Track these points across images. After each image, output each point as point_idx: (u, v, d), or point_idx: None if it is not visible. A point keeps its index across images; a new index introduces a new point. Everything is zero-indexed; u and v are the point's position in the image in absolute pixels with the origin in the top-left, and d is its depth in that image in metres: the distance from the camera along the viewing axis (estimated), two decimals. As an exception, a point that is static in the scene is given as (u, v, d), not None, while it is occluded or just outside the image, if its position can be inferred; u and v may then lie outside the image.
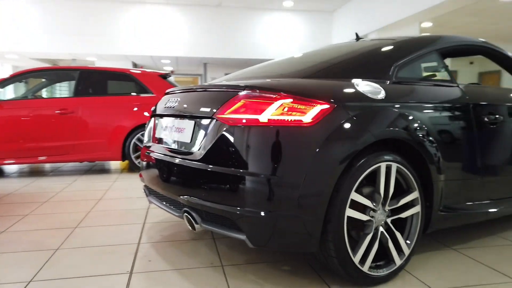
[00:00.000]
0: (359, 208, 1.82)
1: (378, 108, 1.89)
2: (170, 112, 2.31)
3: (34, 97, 5.54)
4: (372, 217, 1.85)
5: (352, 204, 1.77)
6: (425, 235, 2.28)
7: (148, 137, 2.63)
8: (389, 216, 1.93)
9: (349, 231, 1.79)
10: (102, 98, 5.22)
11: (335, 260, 1.76)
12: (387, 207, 1.91)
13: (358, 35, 2.95)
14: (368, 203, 1.83)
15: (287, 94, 1.76)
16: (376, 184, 1.87)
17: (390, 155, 1.88)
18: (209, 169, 1.81)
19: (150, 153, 2.40)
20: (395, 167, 1.89)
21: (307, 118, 1.71)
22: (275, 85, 1.86)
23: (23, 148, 4.84)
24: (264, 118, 1.72)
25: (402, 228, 2.00)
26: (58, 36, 9.93)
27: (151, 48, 10.54)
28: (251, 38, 10.95)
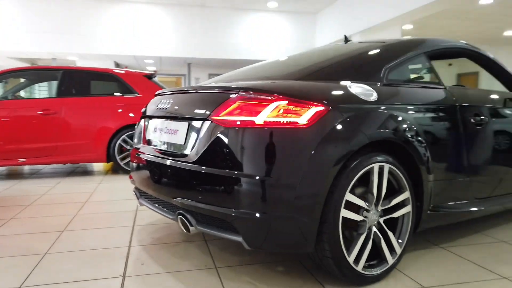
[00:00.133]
0: (353, 208, 1.84)
1: (371, 110, 1.92)
2: (161, 113, 2.28)
3: (14, 97, 5.39)
4: (365, 217, 1.88)
5: (346, 205, 1.80)
6: (414, 234, 2.33)
7: (138, 138, 2.60)
8: (381, 216, 1.96)
9: (343, 231, 1.81)
10: (86, 99, 5.12)
11: (330, 260, 1.78)
12: (379, 207, 1.94)
13: (346, 37, 3.00)
14: (361, 203, 1.86)
15: (282, 96, 1.78)
16: (369, 184, 1.90)
17: (383, 156, 1.91)
18: (205, 171, 1.81)
19: (141, 154, 2.37)
20: (387, 168, 1.93)
21: (302, 120, 1.72)
22: (270, 87, 1.87)
23: (4, 150, 4.70)
24: (260, 120, 1.73)
25: (393, 227, 2.04)
26: (38, 34, 9.69)
27: (134, 48, 10.39)
28: (235, 39, 10.94)
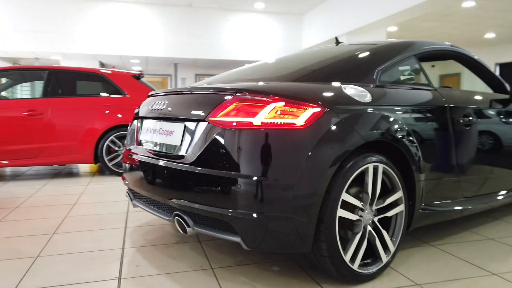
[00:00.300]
0: (348, 208, 1.87)
1: (365, 111, 1.95)
2: (156, 114, 2.28)
3: (-1, 97, 5.29)
4: (361, 216, 1.92)
5: (342, 205, 1.83)
6: (406, 233, 2.37)
7: (130, 139, 2.58)
8: (376, 215, 2.00)
9: (338, 231, 1.84)
10: (73, 99, 5.05)
11: (327, 259, 1.81)
12: (374, 207, 1.98)
13: (337, 39, 3.04)
14: (357, 203, 1.89)
15: (279, 97, 1.79)
16: (364, 184, 1.94)
17: (377, 156, 1.95)
18: (202, 172, 1.81)
19: (134, 155, 2.36)
20: (381, 168, 1.97)
21: (300, 121, 1.74)
22: (267, 88, 1.88)
23: (-12, 151, 4.61)
24: (257, 121, 1.74)
25: (387, 226, 2.08)
26: (20, 33, 9.50)
27: (119, 48, 10.28)
28: (222, 39, 10.93)
